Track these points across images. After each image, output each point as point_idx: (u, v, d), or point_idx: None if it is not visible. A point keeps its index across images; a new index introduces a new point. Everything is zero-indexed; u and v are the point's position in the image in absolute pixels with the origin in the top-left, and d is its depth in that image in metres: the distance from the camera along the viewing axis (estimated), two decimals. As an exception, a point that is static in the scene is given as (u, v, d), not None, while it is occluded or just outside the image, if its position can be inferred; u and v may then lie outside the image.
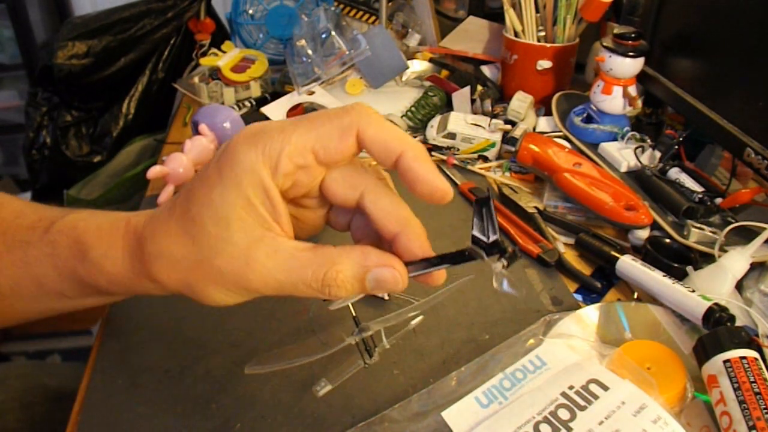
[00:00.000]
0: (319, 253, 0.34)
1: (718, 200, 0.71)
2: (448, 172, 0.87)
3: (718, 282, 0.58)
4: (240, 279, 0.34)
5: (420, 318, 0.53)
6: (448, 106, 1.01)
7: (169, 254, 0.35)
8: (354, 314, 0.43)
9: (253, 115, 1.02)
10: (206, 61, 1.12)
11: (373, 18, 1.21)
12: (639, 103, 0.85)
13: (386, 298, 0.60)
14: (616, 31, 0.84)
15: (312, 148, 0.33)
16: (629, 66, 0.83)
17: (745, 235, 0.63)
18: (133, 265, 0.37)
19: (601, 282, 0.64)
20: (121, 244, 0.37)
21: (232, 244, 0.33)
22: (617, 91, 0.85)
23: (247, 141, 0.33)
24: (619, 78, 0.84)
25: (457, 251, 0.34)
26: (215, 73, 1.12)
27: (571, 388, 0.45)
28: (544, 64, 0.98)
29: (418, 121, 0.99)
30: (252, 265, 0.33)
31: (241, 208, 0.33)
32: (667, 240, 0.66)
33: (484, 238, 0.34)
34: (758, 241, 0.59)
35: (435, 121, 0.96)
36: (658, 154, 0.82)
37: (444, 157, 0.90)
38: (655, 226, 0.70)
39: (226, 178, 0.33)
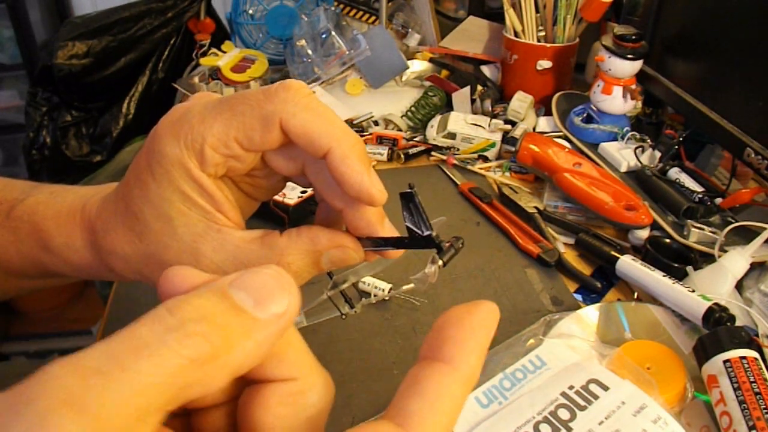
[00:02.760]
0: (267, 243, 0.32)
1: (718, 200, 0.71)
2: (448, 172, 0.87)
3: (718, 282, 0.58)
4: None
5: (410, 286, 0.53)
6: (448, 106, 1.01)
7: (120, 250, 0.34)
8: None
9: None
10: (206, 61, 1.12)
11: (373, 18, 1.21)
12: (640, 96, 0.85)
13: (387, 298, 0.60)
14: (616, 31, 0.84)
15: (234, 137, 0.30)
16: (628, 67, 0.83)
17: (745, 235, 0.63)
18: (93, 257, 0.36)
19: (601, 282, 0.64)
20: (80, 235, 0.36)
21: (177, 239, 0.32)
22: (617, 91, 0.85)
23: (168, 131, 0.30)
24: (618, 78, 0.84)
25: (399, 237, 0.32)
26: (215, 73, 1.12)
27: (571, 388, 0.45)
28: (544, 64, 0.98)
29: (418, 121, 0.99)
30: (200, 259, 0.32)
31: (179, 202, 0.31)
32: (667, 240, 0.66)
33: (419, 231, 0.32)
34: (758, 241, 0.59)
35: (435, 121, 0.96)
36: (658, 154, 0.82)
37: (444, 157, 0.90)
38: (655, 226, 0.70)
39: (157, 174, 0.31)
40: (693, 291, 0.55)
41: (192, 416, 0.23)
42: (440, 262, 0.32)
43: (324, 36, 1.08)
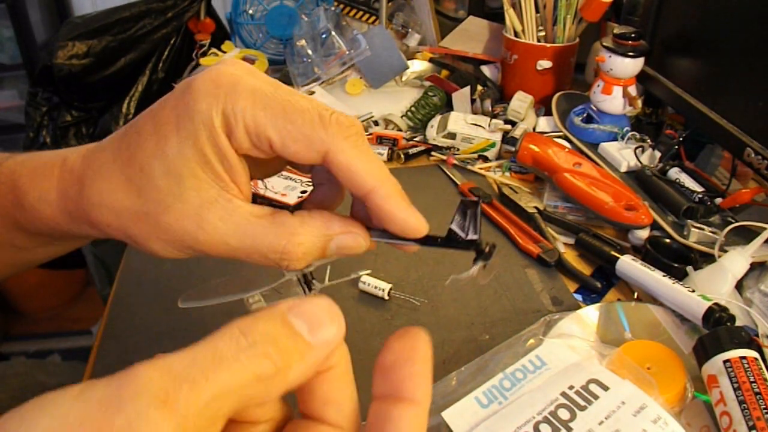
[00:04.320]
0: (278, 221, 0.31)
1: (718, 200, 0.71)
2: (448, 172, 0.87)
3: (718, 282, 0.58)
4: (187, 238, 0.31)
5: (368, 271, 0.55)
6: (448, 106, 1.01)
7: (110, 203, 0.32)
8: None
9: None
10: (206, 61, 1.13)
11: (373, 18, 1.21)
12: (639, 102, 0.85)
13: (386, 298, 0.60)
14: (616, 31, 0.84)
15: (270, 138, 0.29)
16: (629, 66, 0.83)
17: (745, 235, 0.63)
18: (69, 208, 0.34)
19: (601, 282, 0.64)
20: (56, 186, 0.34)
21: (183, 201, 0.30)
22: (617, 91, 0.85)
23: (210, 92, 0.29)
24: (619, 78, 0.84)
25: (428, 235, 0.32)
26: (215, 73, 1.12)
27: (571, 388, 0.45)
28: (544, 64, 0.98)
29: (418, 121, 0.99)
30: (203, 227, 0.30)
31: (196, 164, 0.30)
32: (667, 240, 0.66)
33: (462, 234, 0.32)
34: (758, 241, 0.59)
35: (435, 121, 0.96)
36: (658, 154, 0.82)
37: (444, 157, 0.90)
38: (655, 226, 0.70)
39: (183, 129, 0.29)
40: (693, 291, 0.55)
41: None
42: (482, 264, 0.33)
43: (324, 36, 1.08)
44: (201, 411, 0.18)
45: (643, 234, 0.69)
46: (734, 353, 0.45)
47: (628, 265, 0.62)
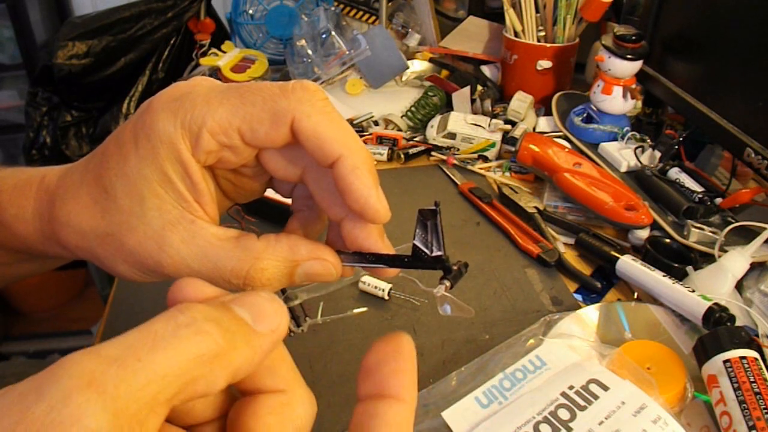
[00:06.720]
0: (242, 244, 0.29)
1: (718, 200, 0.71)
2: (448, 172, 0.87)
3: (718, 282, 0.58)
4: (150, 261, 0.30)
5: (363, 309, 0.55)
6: (448, 106, 1.01)
7: (76, 223, 0.31)
8: None
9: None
10: (206, 61, 1.13)
11: (373, 18, 1.21)
12: (640, 95, 0.85)
13: (386, 298, 0.60)
14: (616, 31, 0.84)
15: (238, 128, 0.28)
16: (627, 68, 0.83)
17: (745, 235, 0.63)
18: (42, 228, 0.34)
19: (601, 282, 0.64)
20: (32, 204, 0.34)
21: (145, 223, 0.29)
22: (617, 91, 0.85)
23: (166, 107, 0.29)
24: (618, 78, 0.84)
25: (397, 256, 0.31)
26: (215, 73, 1.12)
27: (571, 388, 0.45)
28: (544, 64, 0.98)
29: (418, 121, 0.99)
30: (165, 250, 0.29)
31: (157, 183, 0.29)
32: (667, 240, 0.66)
33: (427, 251, 0.30)
34: (758, 241, 0.59)
35: (435, 121, 0.96)
36: (658, 154, 0.82)
37: (444, 157, 0.90)
38: (655, 226, 0.70)
39: (141, 148, 0.29)
40: (693, 291, 0.55)
41: None
42: (447, 284, 0.31)
43: (324, 36, 1.08)
44: (135, 394, 0.16)
45: (643, 234, 0.69)
46: (734, 353, 0.46)
47: (628, 265, 0.62)
